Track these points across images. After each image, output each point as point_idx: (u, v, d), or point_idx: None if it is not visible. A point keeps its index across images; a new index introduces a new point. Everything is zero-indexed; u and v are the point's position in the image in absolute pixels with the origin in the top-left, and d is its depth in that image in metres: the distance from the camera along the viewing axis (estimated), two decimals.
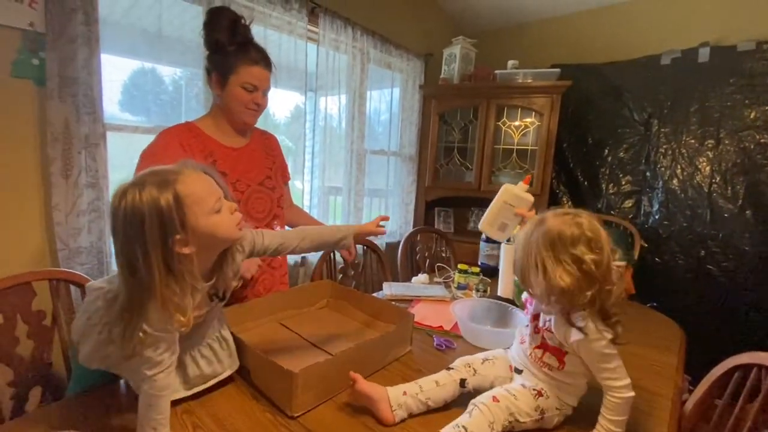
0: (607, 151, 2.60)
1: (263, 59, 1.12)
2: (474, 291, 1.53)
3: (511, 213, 1.09)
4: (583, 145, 2.69)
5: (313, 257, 2.18)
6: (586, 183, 2.69)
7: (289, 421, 0.74)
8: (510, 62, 2.62)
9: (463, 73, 2.73)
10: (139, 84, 1.68)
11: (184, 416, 0.72)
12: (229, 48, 1.07)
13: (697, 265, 2.27)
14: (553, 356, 0.74)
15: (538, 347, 0.78)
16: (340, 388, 0.83)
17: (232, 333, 0.85)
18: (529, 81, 2.52)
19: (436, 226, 2.95)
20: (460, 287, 1.57)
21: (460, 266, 1.60)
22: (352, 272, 1.80)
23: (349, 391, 0.77)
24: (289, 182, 1.42)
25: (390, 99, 2.78)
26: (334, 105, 2.33)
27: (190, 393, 0.76)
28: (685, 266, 2.31)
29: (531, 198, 1.09)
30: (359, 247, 1.88)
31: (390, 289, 1.50)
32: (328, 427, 0.73)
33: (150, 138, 1.10)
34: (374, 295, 1.27)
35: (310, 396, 0.77)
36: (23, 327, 0.95)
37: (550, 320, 0.75)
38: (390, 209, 2.88)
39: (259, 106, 1.15)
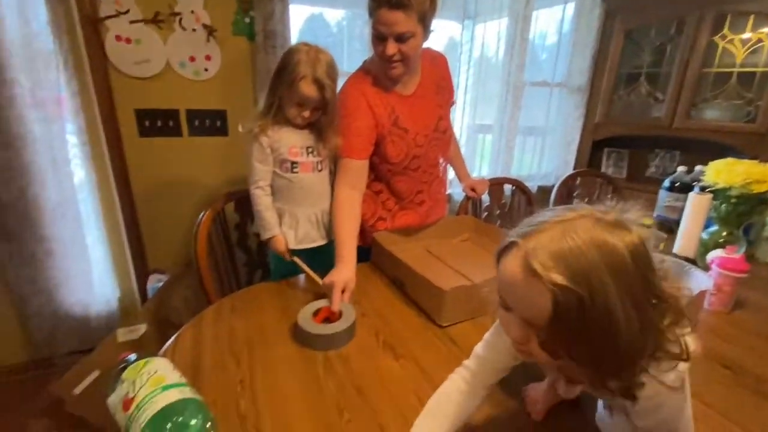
0: None
1: None
2: None
3: None
4: None
5: (459, 195, 2.22)
6: None
7: (437, 329, 0.85)
8: None
9: None
10: (311, 29, 1.89)
11: (356, 305, 0.90)
12: None
13: None
14: None
15: None
16: (482, 312, 0.90)
17: (389, 250, 1.03)
18: None
19: (603, 170, 2.56)
20: None
21: None
22: (498, 212, 1.78)
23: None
24: None
25: (561, 19, 2.39)
26: (492, 32, 2.15)
27: (298, 247, 1.09)
28: None
29: None
30: (507, 187, 1.82)
31: None
32: (469, 340, 0.81)
33: None
34: None
35: (456, 312, 0.87)
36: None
37: None
38: (546, 149, 2.62)
39: (391, 57, 0.97)
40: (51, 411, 1.38)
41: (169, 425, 0.49)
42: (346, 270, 0.92)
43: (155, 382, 0.54)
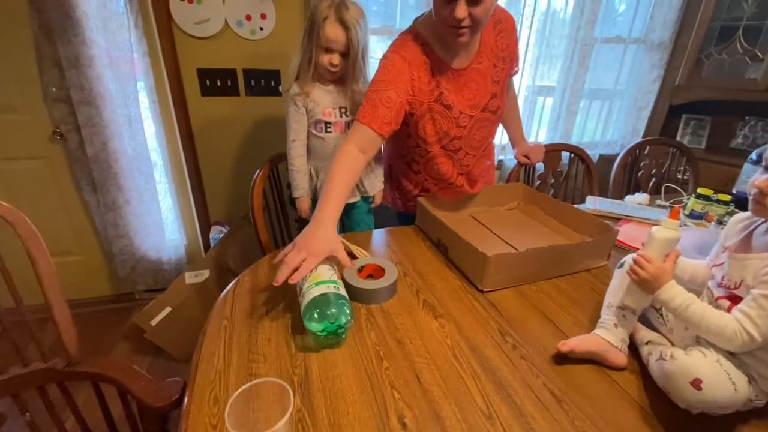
0: None
1: None
2: (713, 223, 1.21)
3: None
4: None
5: (511, 161, 2.13)
6: None
7: (477, 293, 0.86)
8: None
9: None
10: None
11: (399, 265, 0.93)
12: None
13: None
14: None
15: None
16: (525, 280, 0.90)
17: (434, 214, 1.02)
18: None
19: (678, 139, 2.32)
20: (692, 215, 1.27)
21: (700, 190, 1.27)
22: (552, 180, 1.69)
23: (565, 353, 0.67)
24: None
25: None
26: None
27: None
28: None
29: (680, 235, 0.68)
30: (565, 155, 1.71)
31: (594, 204, 1.36)
32: (509, 306, 0.82)
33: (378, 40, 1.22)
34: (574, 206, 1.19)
35: (499, 278, 0.87)
36: None
37: None
38: (613, 115, 2.40)
39: (460, 22, 0.84)
40: (133, 337, 1.60)
41: (317, 311, 0.65)
42: (322, 236, 0.77)
43: (314, 277, 0.71)
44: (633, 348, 0.69)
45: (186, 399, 0.58)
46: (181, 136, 1.73)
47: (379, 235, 1.12)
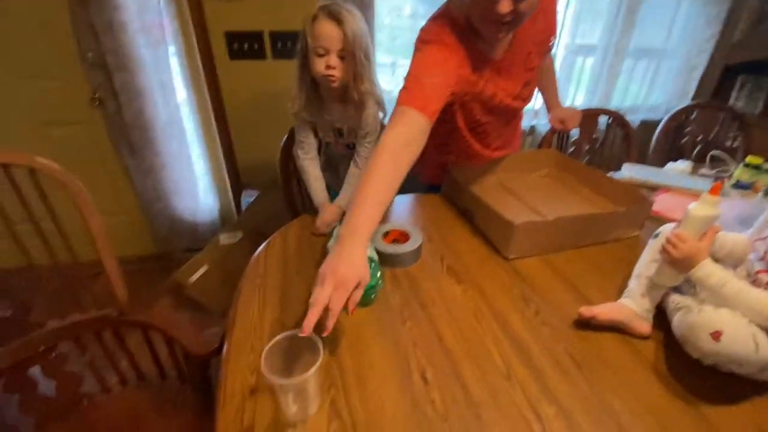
0: None
1: None
2: (761, 194, 1.14)
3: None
4: None
5: (544, 126, 2.04)
6: None
7: (502, 261, 0.87)
8: None
9: None
10: None
11: (423, 231, 0.94)
12: None
13: None
14: None
15: None
16: (553, 249, 0.89)
17: (460, 181, 1.00)
18: None
19: (731, 103, 2.14)
20: (738, 185, 1.20)
21: (749, 159, 1.18)
22: (587, 147, 1.62)
23: (586, 321, 0.68)
24: None
25: None
26: None
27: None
28: None
29: (719, 212, 0.64)
30: (602, 120, 1.62)
31: (632, 172, 1.30)
32: (534, 274, 0.82)
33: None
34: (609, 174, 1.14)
35: (525, 246, 0.86)
36: None
37: None
38: (660, 76, 2.22)
39: (503, 17, 0.73)
40: (173, 292, 1.72)
41: None
42: (348, 259, 0.58)
43: None
44: (657, 318, 0.69)
45: (225, 348, 0.63)
46: (212, 101, 1.75)
47: (404, 201, 1.13)
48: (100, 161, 1.80)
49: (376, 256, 0.74)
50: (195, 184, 1.90)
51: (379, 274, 0.70)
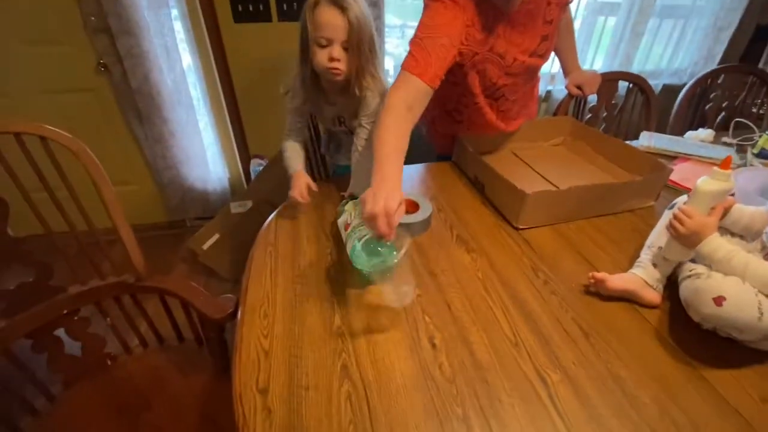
0: None
1: None
2: None
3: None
4: None
5: (560, 92, 1.97)
6: None
7: (512, 230, 0.86)
8: None
9: None
10: None
11: (433, 201, 0.94)
12: None
13: None
14: None
15: None
16: (564, 219, 0.88)
17: (470, 150, 0.98)
18: None
19: (761, 66, 2.02)
20: (762, 155, 1.15)
21: None
22: (605, 114, 1.56)
23: (597, 288, 0.69)
24: None
25: None
26: None
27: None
28: None
29: (732, 186, 0.61)
30: (622, 84, 1.55)
31: (650, 140, 1.26)
32: (544, 244, 0.82)
33: None
34: (626, 142, 1.10)
35: (536, 216, 0.86)
36: None
37: None
38: (687, 37, 2.09)
39: None
40: (188, 259, 1.76)
41: (368, 248, 0.63)
42: (387, 192, 0.62)
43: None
44: (668, 288, 0.68)
45: (239, 313, 0.65)
46: (217, 66, 1.71)
47: (414, 170, 1.11)
48: (110, 129, 1.80)
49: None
50: (204, 152, 1.90)
51: (395, 253, 0.68)
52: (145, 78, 1.60)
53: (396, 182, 0.66)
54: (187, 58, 1.70)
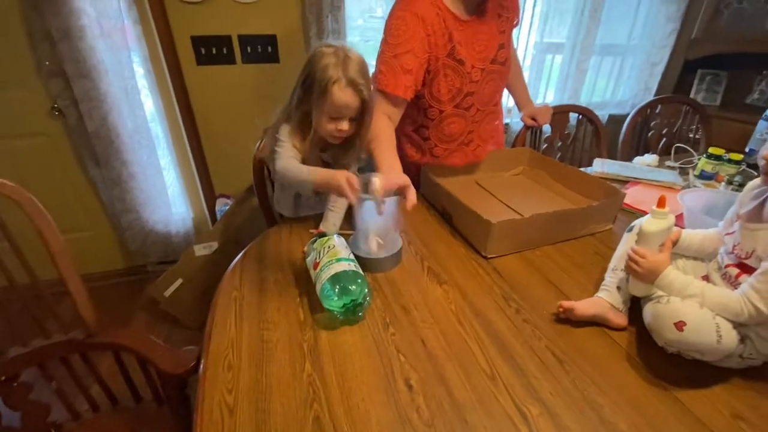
0: None
1: None
2: (723, 183, 1.19)
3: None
4: None
5: (517, 124, 2.08)
6: None
7: (481, 260, 0.87)
8: None
9: None
10: None
11: (403, 234, 0.93)
12: None
13: None
14: None
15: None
16: (530, 245, 0.90)
17: (437, 182, 1.00)
18: None
19: (692, 96, 2.23)
20: (702, 176, 1.25)
21: (711, 150, 1.24)
22: (560, 143, 1.65)
23: (566, 315, 0.69)
24: None
25: None
26: None
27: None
28: None
29: (672, 221, 0.66)
30: (573, 116, 1.66)
31: (602, 167, 1.33)
32: (513, 272, 0.83)
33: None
34: (581, 169, 1.17)
35: (503, 244, 0.87)
36: None
37: None
38: (625, 72, 2.30)
39: None
40: (150, 307, 1.65)
41: (338, 287, 0.66)
42: (398, 172, 0.83)
43: (332, 254, 0.72)
44: (633, 309, 0.70)
45: (202, 365, 0.61)
46: (180, 107, 1.69)
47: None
48: (64, 174, 1.71)
49: (362, 272, 0.73)
50: (166, 193, 1.84)
51: (368, 290, 0.69)
52: (102, 120, 1.56)
53: (400, 168, 0.86)
54: (149, 99, 1.68)
